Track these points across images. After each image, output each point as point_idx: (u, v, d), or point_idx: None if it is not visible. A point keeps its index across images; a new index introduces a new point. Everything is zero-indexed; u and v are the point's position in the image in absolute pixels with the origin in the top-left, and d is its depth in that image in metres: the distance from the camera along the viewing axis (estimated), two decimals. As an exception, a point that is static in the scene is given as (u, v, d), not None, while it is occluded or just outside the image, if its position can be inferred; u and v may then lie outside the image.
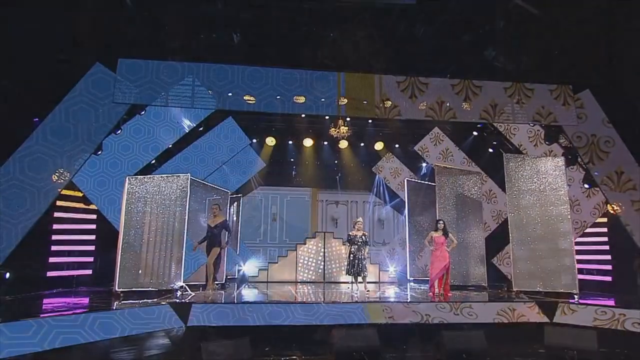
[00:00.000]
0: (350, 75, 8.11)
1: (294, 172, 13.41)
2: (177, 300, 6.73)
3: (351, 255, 8.54)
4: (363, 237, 8.64)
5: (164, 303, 6.26)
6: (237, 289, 9.42)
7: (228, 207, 9.89)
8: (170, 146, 9.05)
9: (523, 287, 8.09)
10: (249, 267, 11.86)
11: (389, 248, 12.91)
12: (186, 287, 7.57)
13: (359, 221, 8.76)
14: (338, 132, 10.45)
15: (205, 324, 6.17)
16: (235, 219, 11.76)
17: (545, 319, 6.73)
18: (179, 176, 7.94)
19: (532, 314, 6.78)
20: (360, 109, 8.22)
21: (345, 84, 8.13)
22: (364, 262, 8.53)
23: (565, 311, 6.77)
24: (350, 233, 8.81)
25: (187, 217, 7.89)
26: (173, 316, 6.10)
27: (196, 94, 7.60)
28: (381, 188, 13.41)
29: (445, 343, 4.84)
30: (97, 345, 5.19)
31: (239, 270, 11.58)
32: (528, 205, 8.46)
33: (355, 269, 8.48)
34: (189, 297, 7.08)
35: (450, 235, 8.25)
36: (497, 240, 10.33)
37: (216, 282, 9.27)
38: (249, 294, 8.75)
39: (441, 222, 8.34)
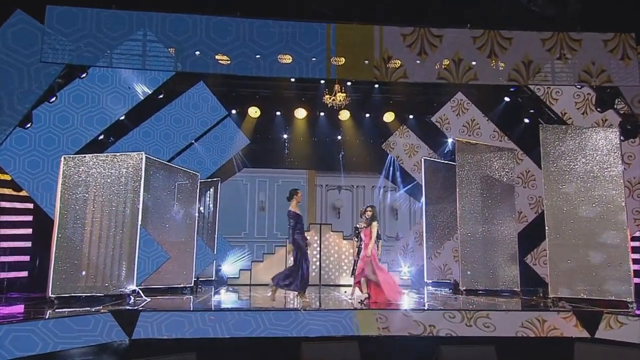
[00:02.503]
0: (343, 27, 7.83)
1: (285, 151, 13.30)
2: (129, 308, 6.66)
3: (360, 252, 8.36)
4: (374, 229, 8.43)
5: (103, 311, 6.17)
6: (213, 293, 9.41)
7: (197, 194, 9.74)
8: (123, 118, 8.90)
9: (562, 293, 7.82)
10: (230, 267, 11.85)
11: (402, 243, 12.75)
12: (140, 291, 7.49)
13: (368, 210, 8.55)
14: (334, 99, 10.21)
15: (153, 336, 6.11)
16: (211, 208, 11.68)
17: (585, 334, 6.49)
18: (130, 155, 7.80)
19: (567, 326, 6.54)
20: (356, 69, 7.95)
21: (337, 38, 7.84)
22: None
23: (611, 324, 6.50)
24: (357, 225, 8.66)
25: (141, 205, 7.77)
26: (114, 327, 6.03)
27: (150, 52, 7.39)
28: (393, 169, 13.27)
29: (445, 362, 4.66)
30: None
31: (217, 271, 11.58)
32: (570, 190, 8.10)
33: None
34: (142, 304, 7.00)
35: (371, 226, 7.84)
36: (536, 234, 10.02)
37: (184, 286, 9.28)
38: (220, 299, 8.71)
39: (369, 208, 8.08)
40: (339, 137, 13.19)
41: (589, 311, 6.83)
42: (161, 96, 9.63)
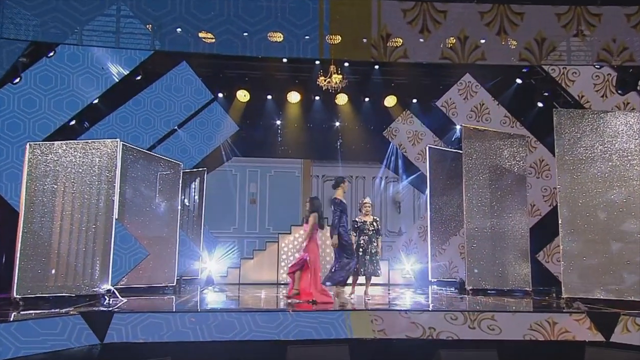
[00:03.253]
0: (338, 1, 7.84)
1: (278, 138, 13.27)
2: (101, 309, 6.63)
3: (360, 249, 8.36)
4: (375, 223, 8.50)
5: (73, 313, 6.14)
6: (199, 292, 9.42)
7: (180, 186, 9.73)
8: (97, 101, 8.84)
9: (576, 293, 7.77)
10: (217, 265, 11.84)
11: (405, 239, 12.78)
12: (115, 291, 7.47)
13: (366, 203, 8.56)
14: (329, 82, 10.13)
15: (128, 340, 6.07)
16: (197, 201, 11.65)
17: (599, 337, 6.42)
18: (104, 142, 7.74)
19: (580, 329, 6.47)
20: (352, 48, 7.90)
21: (331, 13, 7.78)
22: (377, 258, 8.37)
23: (628, 327, 6.42)
24: (356, 219, 8.67)
25: (117, 197, 7.72)
26: (84, 331, 5.99)
27: (125, 29, 7.33)
28: (395, 158, 13.23)
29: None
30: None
31: (204, 269, 11.56)
32: (586, 179, 8.04)
33: (367, 268, 8.31)
34: (118, 306, 6.98)
35: (310, 218, 7.84)
36: (550, 228, 9.93)
37: (165, 285, 9.27)
38: (204, 300, 8.72)
39: (316, 199, 8.17)
40: (337, 124, 13.13)
41: (604, 312, 6.78)
42: (139, 78, 9.60)
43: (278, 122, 13.09)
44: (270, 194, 13.50)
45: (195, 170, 11.41)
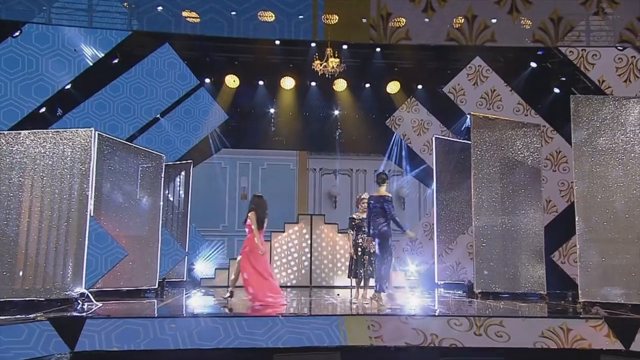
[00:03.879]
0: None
1: (272, 128, 13.27)
2: (73, 315, 6.58)
3: (359, 249, 8.29)
4: None
5: (41, 319, 6.07)
6: (184, 296, 9.39)
7: (162, 180, 9.67)
8: (70, 87, 8.75)
9: (594, 297, 7.73)
10: (204, 266, 11.82)
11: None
12: (90, 295, 7.41)
13: (364, 198, 8.46)
14: (325, 66, 10.05)
15: (101, 348, 5.99)
16: (182, 196, 11.60)
17: (618, 345, 6.35)
18: (77, 132, 7.65)
19: (597, 336, 6.39)
20: (349, 29, 7.83)
21: (325, -9, 7.71)
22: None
23: (650, 333, 6.40)
24: (353, 216, 8.61)
25: (91, 192, 7.66)
26: (53, 338, 5.90)
27: (98, 6, 7.25)
28: (399, 150, 13.18)
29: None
30: None
31: (190, 270, 11.55)
32: (605, 172, 7.98)
33: (366, 269, 8.25)
34: (92, 310, 6.93)
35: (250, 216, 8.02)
36: (567, 226, 9.74)
37: (147, 288, 9.23)
38: (188, 304, 8.68)
39: (257, 197, 8.38)
40: (335, 112, 13.11)
41: (624, 318, 6.73)
42: (116, 61, 9.53)
43: (271, 111, 13.07)
44: (263, 188, 13.29)
45: (180, 163, 11.37)
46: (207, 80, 11.74)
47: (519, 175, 9.57)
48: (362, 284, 8.34)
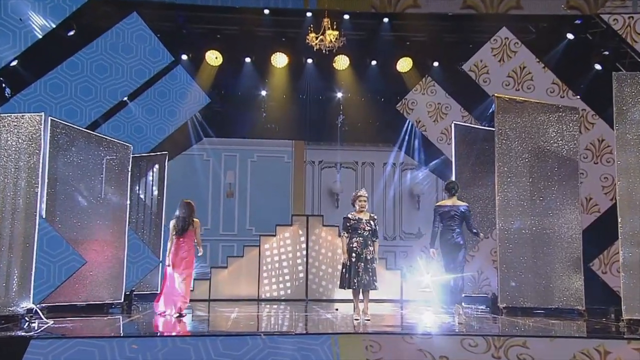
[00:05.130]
0: None
1: (263, 114, 13.27)
2: (17, 334, 6.51)
3: (353, 254, 8.24)
4: (371, 222, 8.33)
5: (-24, 339, 6.06)
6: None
7: (129, 175, 9.69)
8: (16, 63, 8.76)
9: (640, 312, 7.70)
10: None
11: (425, 242, 12.43)
12: (39, 311, 7.38)
13: (362, 196, 8.41)
14: (321, 40, 9.97)
15: (49, 372, 5.96)
16: (156, 195, 11.56)
17: (663, 369, 6.32)
18: (23, 117, 7.61)
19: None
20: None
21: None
22: (374, 266, 8.25)
23: (702, 356, 6.33)
24: (349, 215, 8.51)
25: (43, 189, 7.65)
26: (-11, 361, 5.90)
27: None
28: (412, 139, 13.22)
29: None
30: None
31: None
32: (652, 166, 7.94)
33: (360, 278, 8.18)
34: (41, 329, 6.88)
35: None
36: (610, 229, 9.61)
37: (111, 302, 9.22)
38: (159, 320, 8.59)
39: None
40: (337, 95, 13.09)
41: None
42: (72, 33, 9.52)
43: (262, 93, 13.06)
44: (253, 185, 13.57)
45: (153, 154, 11.35)
46: (184, 57, 11.71)
47: (552, 168, 9.53)
48: (361, 296, 8.25)
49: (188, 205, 9.03)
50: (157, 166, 11.56)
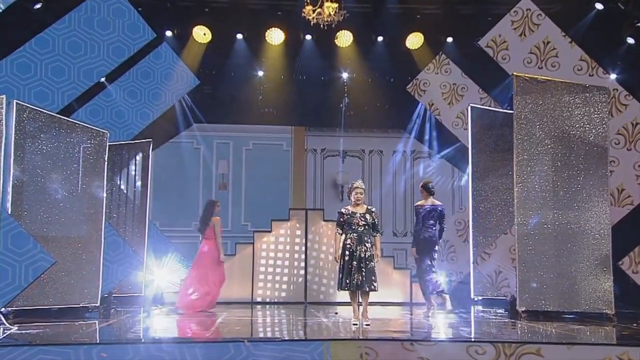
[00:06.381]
0: None
1: (258, 97, 13.30)
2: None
3: (347, 252, 8.24)
4: (367, 216, 8.32)
5: None
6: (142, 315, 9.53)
7: (105, 164, 9.66)
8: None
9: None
10: (170, 276, 11.89)
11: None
12: (1, 317, 7.42)
13: (357, 187, 8.40)
14: (319, 13, 9.90)
15: (-2, 386, 5.98)
16: (139, 187, 11.59)
17: (696, 381, 6.26)
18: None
19: (668, 369, 6.31)
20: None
21: None
22: (371, 265, 8.23)
23: None
24: (342, 210, 8.51)
25: (4, 181, 7.68)
26: None
27: None
28: (423, 124, 13.27)
29: None
30: None
31: (149, 283, 11.56)
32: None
33: (353, 278, 8.18)
34: (5, 335, 6.94)
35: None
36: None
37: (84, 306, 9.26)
38: (137, 326, 8.72)
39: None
40: (341, 75, 13.07)
41: None
42: (39, 6, 9.57)
43: (259, 74, 13.08)
44: (248, 176, 13.60)
45: (135, 142, 11.38)
46: (169, 34, 11.74)
47: (577, 155, 9.44)
48: (359, 299, 8.24)
49: (207, 205, 10.43)
50: (140, 155, 11.56)
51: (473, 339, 6.80)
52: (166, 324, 9.08)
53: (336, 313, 9.71)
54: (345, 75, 13.07)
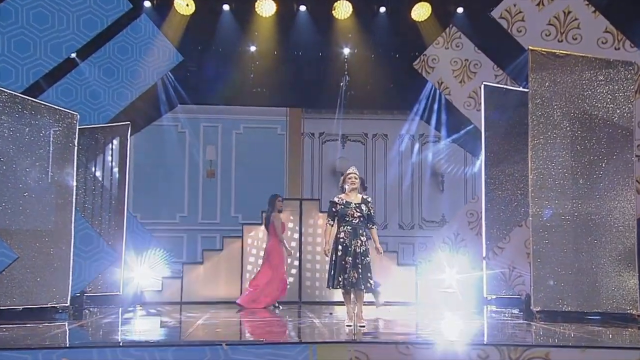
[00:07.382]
0: None
1: (250, 75, 13.28)
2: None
3: (340, 246, 8.23)
4: (363, 206, 8.29)
5: None
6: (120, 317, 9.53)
7: (74, 149, 9.66)
8: None
9: None
10: (152, 273, 11.92)
11: (448, 232, 12.73)
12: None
13: (350, 173, 8.40)
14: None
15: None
16: (117, 175, 11.60)
17: None
18: None
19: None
20: None
21: None
22: (367, 261, 8.20)
23: None
24: (335, 199, 8.49)
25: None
26: None
27: None
28: (431, 104, 13.24)
29: None
30: None
31: (128, 281, 11.60)
32: None
33: (348, 276, 8.16)
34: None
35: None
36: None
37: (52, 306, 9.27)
38: (109, 328, 8.76)
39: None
40: (341, 51, 13.02)
41: None
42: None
43: (251, 49, 13.01)
44: (239, 162, 13.72)
45: (112, 125, 11.40)
46: (147, 4, 11.63)
47: (599, 139, 9.43)
48: (354, 298, 8.21)
49: (268, 200, 10.93)
50: (117, 140, 11.58)
51: (476, 342, 6.79)
52: (143, 325, 9.09)
53: (331, 313, 9.77)
54: (345, 51, 12.99)
